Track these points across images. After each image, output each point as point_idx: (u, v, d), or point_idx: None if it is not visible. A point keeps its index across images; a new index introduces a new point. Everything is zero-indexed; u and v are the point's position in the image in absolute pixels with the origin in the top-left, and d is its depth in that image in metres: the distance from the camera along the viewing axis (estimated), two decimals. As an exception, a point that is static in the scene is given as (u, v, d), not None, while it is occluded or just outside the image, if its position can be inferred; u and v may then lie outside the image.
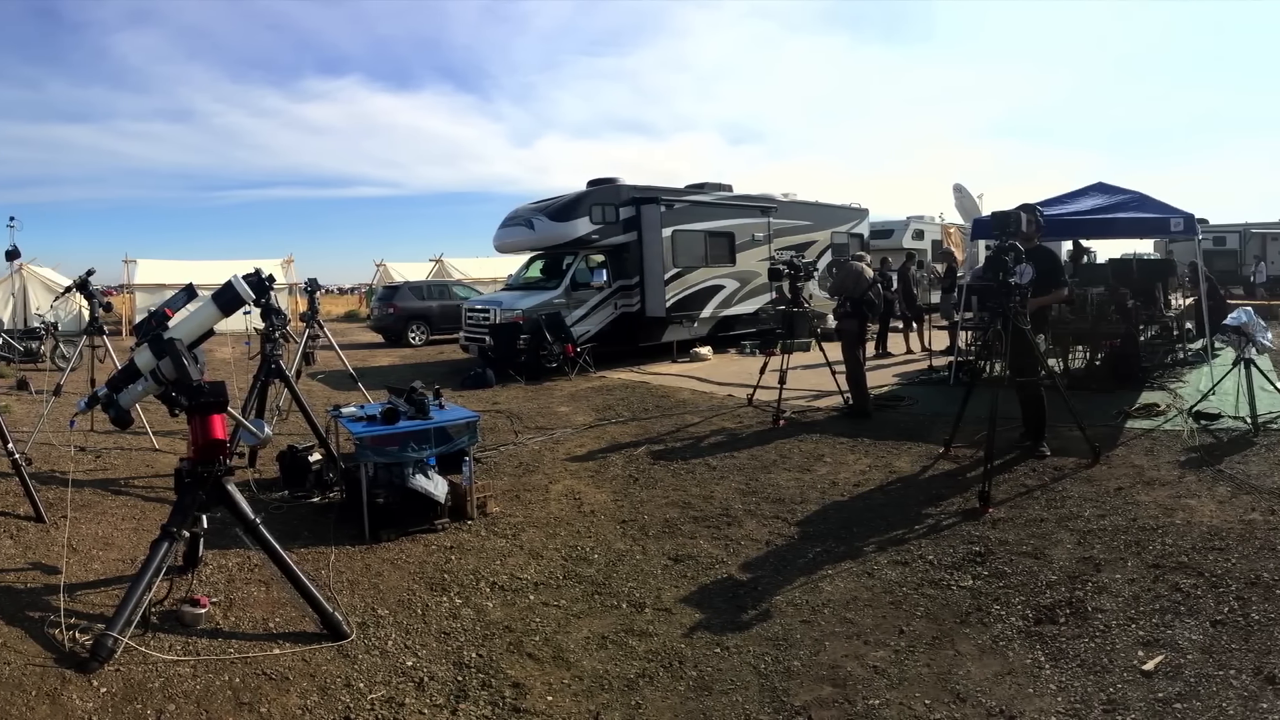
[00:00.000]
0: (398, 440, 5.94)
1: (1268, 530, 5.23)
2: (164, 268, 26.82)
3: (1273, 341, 9.72)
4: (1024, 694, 3.58)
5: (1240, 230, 32.79)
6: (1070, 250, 15.64)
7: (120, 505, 6.59)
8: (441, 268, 33.50)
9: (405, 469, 5.86)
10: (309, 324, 10.33)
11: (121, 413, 4.11)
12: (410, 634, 4.35)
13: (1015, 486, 6.52)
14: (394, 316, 22.27)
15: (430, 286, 24.72)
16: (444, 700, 3.70)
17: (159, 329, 4.10)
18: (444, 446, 6.12)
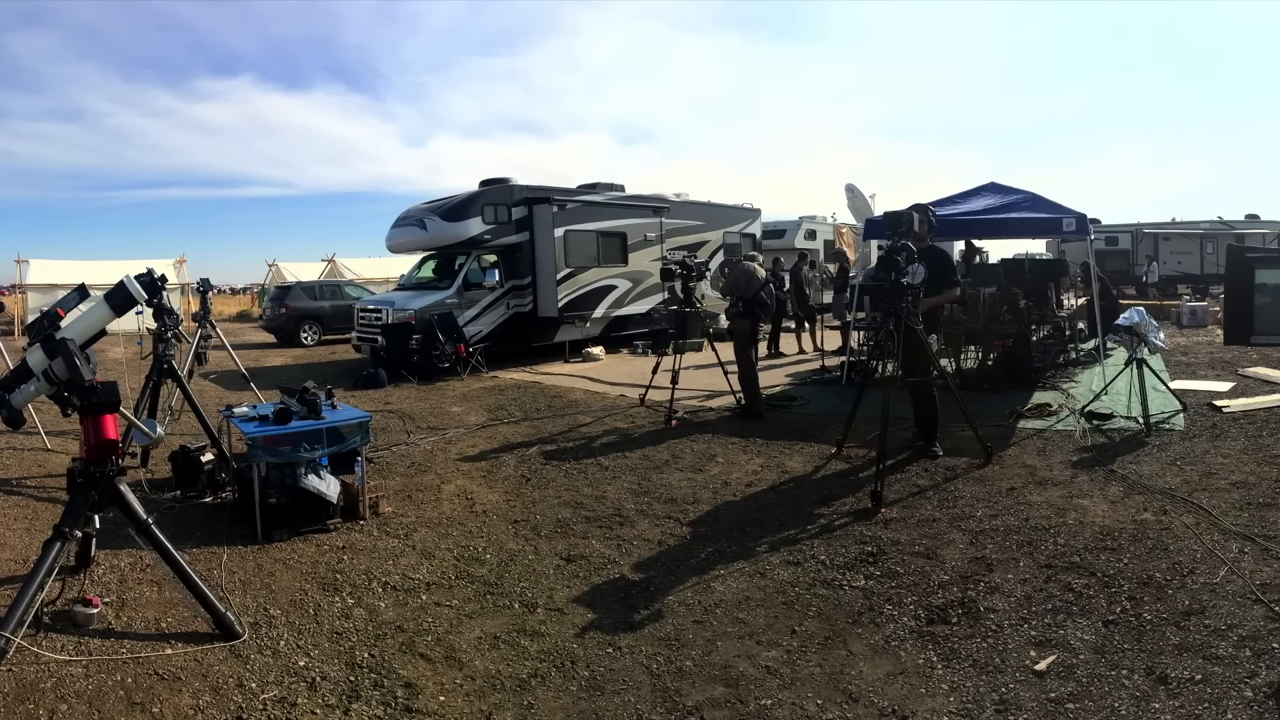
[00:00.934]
0: (290, 440, 7.19)
1: (1160, 530, 6.50)
2: (57, 268, 33.29)
3: (1165, 342, 11.72)
4: (916, 694, 4.37)
5: (1133, 230, 38.52)
6: (963, 250, 18.26)
7: (12, 505, 8.03)
8: (334, 267, 41.19)
9: (298, 469, 7.13)
10: (201, 324, 12.88)
11: (14, 413, 4.89)
12: (303, 634, 5.26)
13: (907, 486, 7.94)
14: (286, 316, 26.98)
15: (323, 286, 30.03)
16: (336, 700, 4.49)
17: (51, 329, 4.96)
18: (336, 446, 7.41)
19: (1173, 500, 7.24)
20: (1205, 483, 7.67)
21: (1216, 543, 6.21)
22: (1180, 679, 4.38)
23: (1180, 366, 14.99)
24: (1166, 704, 4.16)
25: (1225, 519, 6.68)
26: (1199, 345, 18.33)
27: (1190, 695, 4.24)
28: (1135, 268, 37.45)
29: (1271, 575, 5.55)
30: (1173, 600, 5.32)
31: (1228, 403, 10.95)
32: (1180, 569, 5.79)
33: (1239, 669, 4.45)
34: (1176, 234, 38.42)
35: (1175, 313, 24.53)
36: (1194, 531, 6.46)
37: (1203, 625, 4.96)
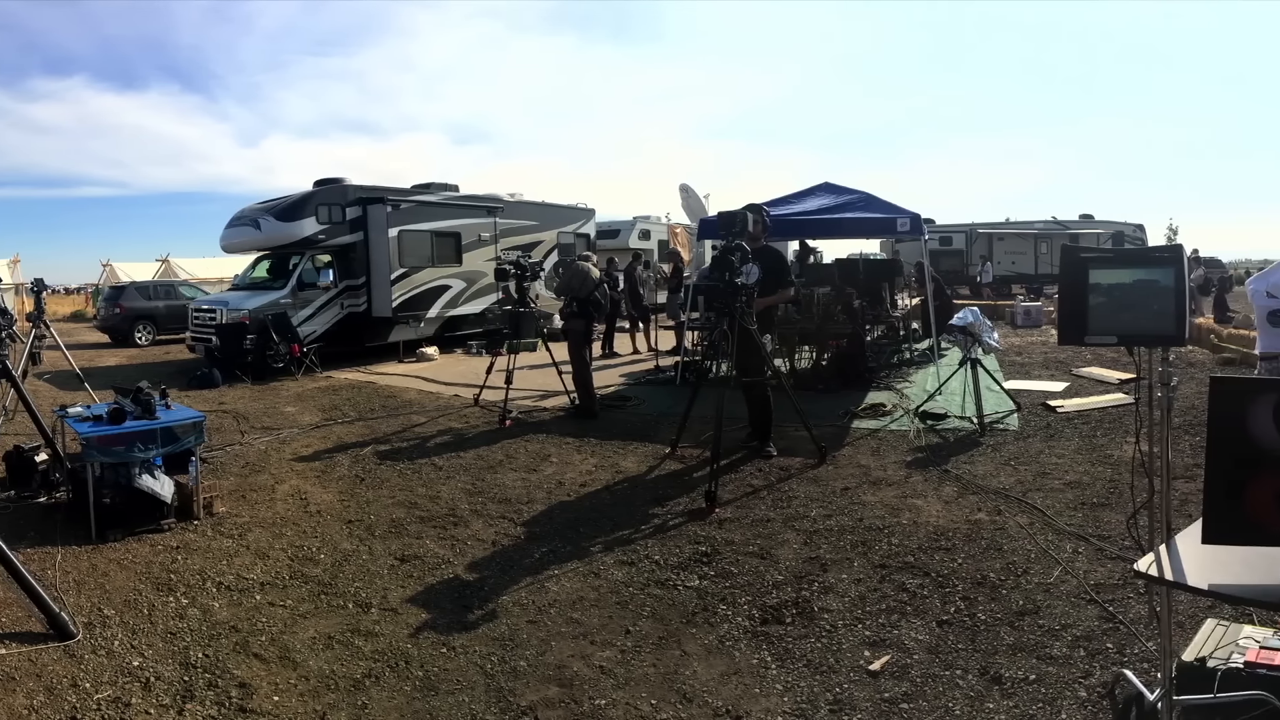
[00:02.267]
0: (124, 440, 7.58)
1: (994, 530, 6.89)
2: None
3: (999, 341, 12.43)
4: (750, 694, 4.60)
5: (967, 230, 40.89)
6: (797, 250, 19.55)
7: None
8: (168, 267, 43.78)
9: (132, 469, 7.53)
10: (35, 324, 13.77)
11: None
12: (137, 634, 5.49)
13: (742, 487, 8.39)
14: (120, 316, 28.24)
15: (157, 286, 31.48)
16: (170, 700, 4.69)
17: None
18: (170, 446, 7.86)
19: (1007, 500, 7.66)
20: (1039, 483, 8.14)
21: (1050, 543, 6.58)
22: (1014, 679, 4.61)
23: (1014, 366, 15.96)
24: (1000, 704, 4.38)
25: (1059, 519, 7.09)
26: (1033, 345, 19.63)
27: (1024, 695, 4.46)
28: (970, 268, 39.74)
29: (1105, 575, 5.91)
30: (1007, 600, 5.61)
31: (1062, 403, 11.74)
32: (1014, 569, 6.11)
33: (1073, 669, 4.71)
34: (1011, 234, 40.94)
35: (1009, 313, 26.03)
36: (1028, 531, 6.83)
37: (1037, 625, 5.24)
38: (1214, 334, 18.43)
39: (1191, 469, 8.03)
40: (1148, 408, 4.45)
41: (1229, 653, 4.19)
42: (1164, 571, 3.16)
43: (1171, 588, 3.43)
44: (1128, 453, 8.72)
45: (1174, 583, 3.15)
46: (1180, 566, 3.16)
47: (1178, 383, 4.18)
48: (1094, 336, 4.20)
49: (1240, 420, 2.96)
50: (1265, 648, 4.18)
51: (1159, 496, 4.24)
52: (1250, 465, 2.96)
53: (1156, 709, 3.96)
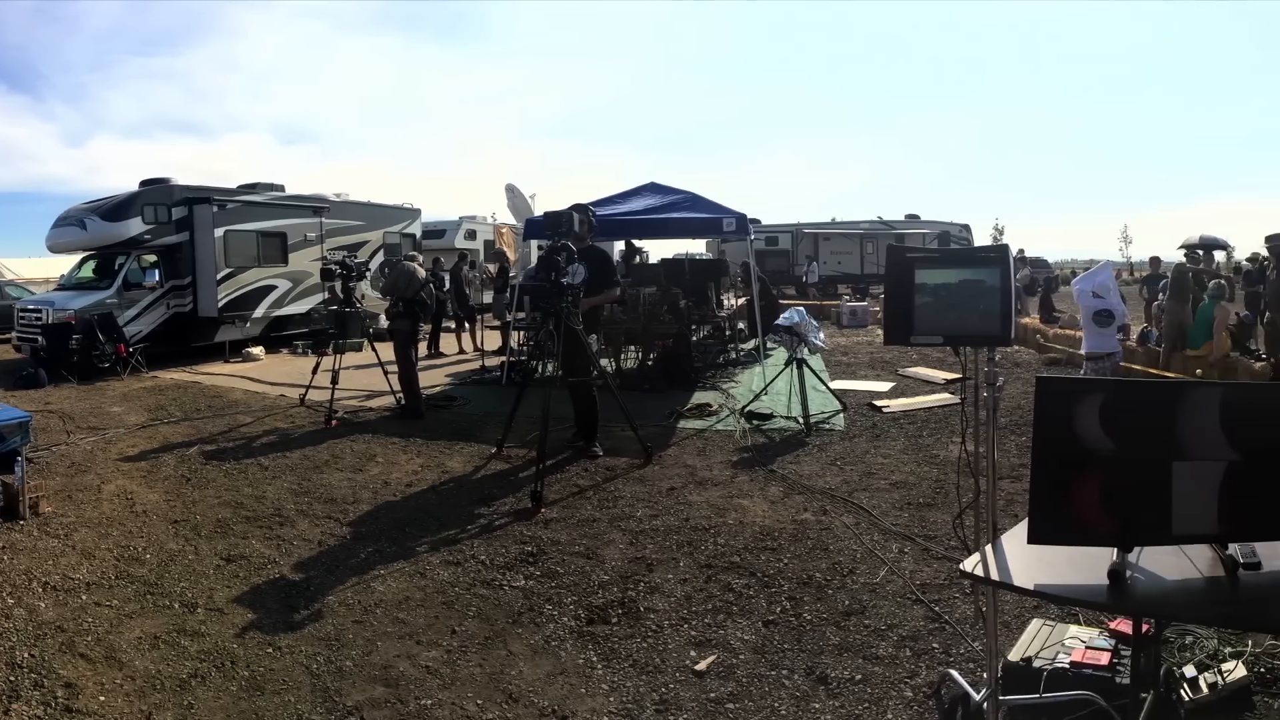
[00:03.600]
0: None
1: (820, 530, 7.00)
2: None
3: (825, 341, 12.75)
4: (576, 694, 4.65)
5: (793, 230, 41.67)
6: (623, 250, 19.75)
7: None
8: None
9: None
10: None
11: None
12: None
13: (568, 487, 8.48)
14: None
15: None
16: None
17: None
18: None
19: (833, 500, 7.81)
20: (865, 483, 8.33)
21: (877, 543, 6.72)
22: (840, 679, 4.70)
23: (840, 366, 16.36)
24: (826, 704, 4.47)
25: (885, 519, 7.26)
26: (859, 345, 20.19)
27: (850, 695, 4.54)
28: (795, 267, 40.58)
29: (931, 575, 6.06)
30: (833, 600, 5.71)
31: (888, 403, 12.07)
32: (840, 569, 6.23)
33: (899, 669, 4.80)
34: (836, 234, 41.83)
35: (835, 313, 26.75)
36: (854, 531, 6.97)
37: (863, 625, 5.34)
38: (1040, 334, 19.21)
39: (1017, 469, 8.34)
40: (973, 408, 4.53)
41: (1055, 653, 4.33)
42: (990, 571, 3.19)
43: (997, 588, 3.51)
44: (953, 453, 8.93)
45: (1000, 583, 3.20)
46: (1006, 566, 3.20)
47: (1003, 383, 4.29)
48: (920, 336, 4.27)
49: (1066, 420, 3.00)
50: (1091, 648, 4.34)
51: (985, 496, 4.35)
52: (1075, 465, 3.00)
53: (982, 709, 4.05)
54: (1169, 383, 3.76)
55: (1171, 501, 2.93)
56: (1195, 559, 3.06)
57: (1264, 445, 2.95)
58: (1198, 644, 4.57)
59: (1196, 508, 2.94)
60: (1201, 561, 3.05)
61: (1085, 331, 10.02)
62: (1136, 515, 2.98)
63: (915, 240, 38.15)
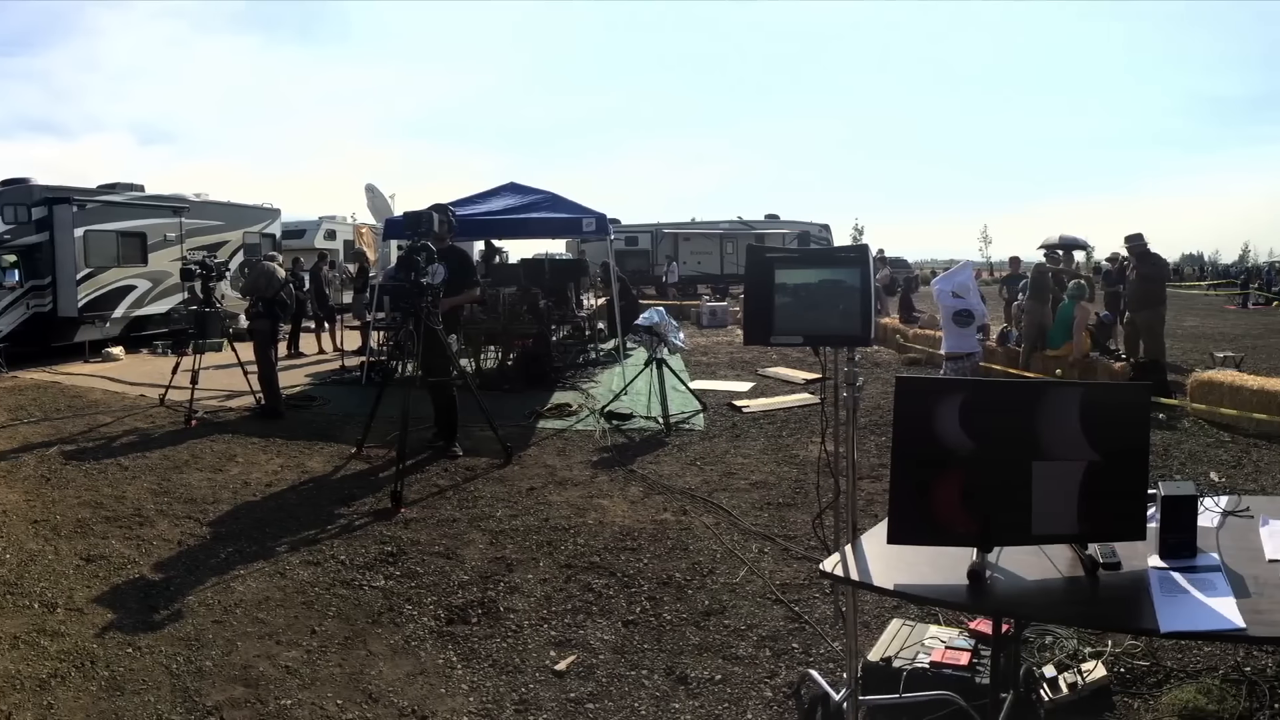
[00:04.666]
0: None
1: (679, 530, 6.99)
2: None
3: (685, 342, 12.78)
4: (436, 694, 4.61)
5: (653, 230, 41.83)
6: (483, 250, 19.85)
7: None
8: None
9: None
10: None
11: None
12: None
13: (428, 487, 8.41)
14: None
15: None
16: None
17: None
18: None
19: (693, 500, 7.80)
20: (725, 483, 8.34)
21: (736, 543, 6.72)
22: (700, 679, 4.68)
23: (700, 367, 16.42)
24: (686, 704, 4.44)
25: (745, 519, 7.26)
26: (719, 345, 20.29)
27: (710, 695, 4.52)
28: (655, 267, 40.57)
29: (791, 575, 6.06)
30: (693, 600, 5.69)
31: (747, 403, 12.14)
32: (700, 569, 6.20)
33: (759, 669, 4.78)
34: (696, 234, 42.18)
35: (695, 313, 26.90)
36: (714, 531, 6.95)
37: (723, 625, 5.32)
38: (900, 334, 19.46)
39: (877, 469, 8.44)
40: (833, 408, 4.54)
41: (915, 653, 4.36)
42: (849, 571, 3.19)
43: (857, 588, 3.49)
44: (813, 453, 8.87)
45: (859, 583, 3.19)
46: (866, 566, 3.20)
47: (863, 383, 4.30)
48: (780, 336, 4.25)
49: (925, 420, 3.01)
50: (951, 648, 4.37)
51: (844, 496, 4.35)
52: (935, 465, 3.02)
53: (842, 709, 4.04)
54: (1029, 383, 3.81)
55: (1031, 502, 2.96)
56: (1055, 559, 3.08)
57: (1123, 445, 2.99)
58: (1058, 644, 4.64)
59: (1056, 508, 2.96)
60: (1061, 561, 3.08)
61: (945, 331, 10.14)
62: (996, 515, 3.00)
63: (775, 240, 38.66)
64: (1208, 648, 4.68)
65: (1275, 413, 10.21)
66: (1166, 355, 14.28)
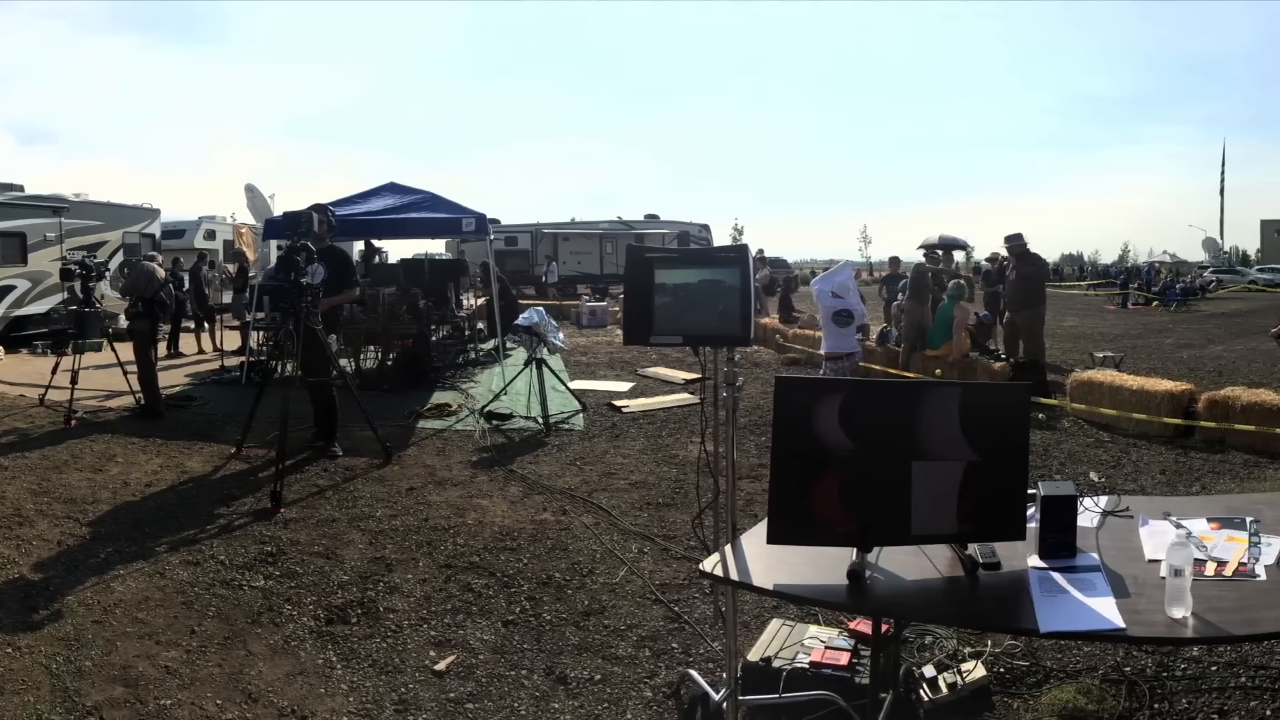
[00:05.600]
0: None
1: (559, 530, 6.94)
2: None
3: (564, 342, 12.74)
4: (316, 694, 4.55)
5: (532, 230, 41.55)
6: (362, 250, 19.60)
7: None
8: None
9: None
10: None
11: None
12: None
13: (308, 487, 8.32)
14: None
15: None
16: None
17: None
18: None
19: (572, 500, 7.75)
20: (605, 483, 8.30)
21: (616, 543, 6.68)
22: (580, 679, 4.66)
23: (580, 367, 16.35)
24: (566, 704, 4.42)
25: (625, 519, 7.23)
26: (599, 345, 20.25)
27: (590, 695, 4.49)
28: (535, 268, 40.27)
29: (671, 575, 6.04)
30: (572, 600, 5.66)
31: (627, 403, 12.11)
32: (580, 569, 6.17)
33: (638, 669, 4.75)
34: (576, 234, 41.95)
35: (575, 312, 26.80)
36: (594, 532, 6.92)
37: (602, 625, 5.29)
38: (779, 334, 19.48)
39: (757, 469, 8.43)
40: (713, 408, 4.50)
41: (794, 653, 4.33)
42: (729, 571, 3.15)
43: (736, 588, 3.48)
44: (693, 453, 8.95)
45: (739, 583, 3.17)
46: (745, 566, 3.16)
47: (743, 383, 4.25)
48: (659, 336, 4.19)
49: (805, 420, 2.98)
50: (830, 648, 4.36)
51: (724, 496, 4.32)
52: (814, 466, 2.98)
53: (722, 709, 4.01)
54: (908, 383, 3.81)
55: (911, 502, 2.94)
56: (935, 559, 3.07)
57: (1003, 445, 2.98)
58: (937, 644, 4.66)
59: (936, 508, 2.94)
60: (941, 562, 3.07)
61: (824, 331, 10.21)
62: (876, 515, 2.98)
63: (655, 240, 38.58)
64: (1087, 648, 4.73)
65: (1154, 413, 10.36)
66: (1046, 355, 14.35)
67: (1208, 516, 3.47)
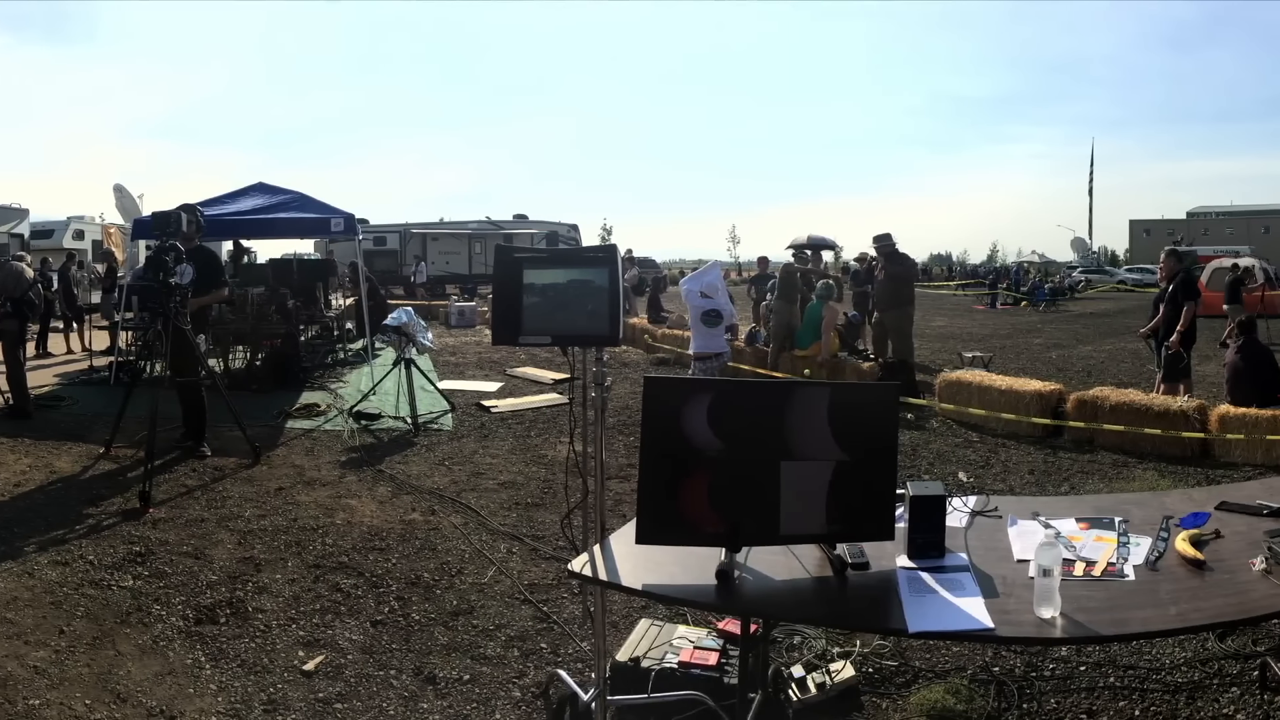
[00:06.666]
0: None
1: (428, 530, 6.80)
2: None
3: (433, 342, 12.55)
4: (185, 694, 4.43)
5: (401, 230, 40.96)
6: (231, 250, 18.89)
7: None
8: None
9: None
10: None
11: None
12: None
13: (176, 487, 8.13)
14: None
15: None
16: None
17: None
18: None
19: (441, 500, 7.60)
20: (474, 483, 8.15)
21: (485, 543, 6.55)
22: (449, 679, 4.56)
23: (449, 366, 16.10)
24: (435, 704, 4.33)
25: (494, 519, 7.09)
26: (467, 345, 19.92)
27: (459, 695, 4.40)
28: (404, 268, 39.65)
29: (540, 575, 5.95)
30: (441, 600, 5.54)
31: (496, 403, 11.94)
32: (449, 569, 6.04)
33: (507, 669, 4.65)
34: (445, 234, 41.45)
35: (443, 312, 26.37)
36: (462, 532, 6.78)
37: (471, 625, 5.19)
38: (648, 334, 19.35)
39: (626, 469, 8.36)
40: (582, 407, 4.43)
41: (663, 653, 4.26)
42: (598, 572, 3.09)
43: (605, 587, 3.40)
44: (562, 452, 8.87)
45: (607, 583, 3.10)
46: (614, 566, 3.10)
47: (611, 383, 4.18)
48: (528, 337, 4.10)
49: (674, 420, 2.92)
50: (699, 648, 4.29)
51: (593, 496, 4.24)
52: (683, 466, 2.92)
53: (590, 709, 3.93)
54: (777, 383, 3.74)
55: (780, 502, 2.89)
56: (804, 559, 3.02)
57: (871, 445, 2.95)
58: (806, 644, 4.63)
59: (805, 508, 2.90)
60: (810, 562, 3.02)
61: (693, 331, 10.13)
62: (745, 515, 2.92)
63: (523, 240, 38.26)
64: (956, 648, 4.73)
65: (1023, 413, 10.33)
66: (915, 355, 14.28)
67: (1076, 516, 3.50)
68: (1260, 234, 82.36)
